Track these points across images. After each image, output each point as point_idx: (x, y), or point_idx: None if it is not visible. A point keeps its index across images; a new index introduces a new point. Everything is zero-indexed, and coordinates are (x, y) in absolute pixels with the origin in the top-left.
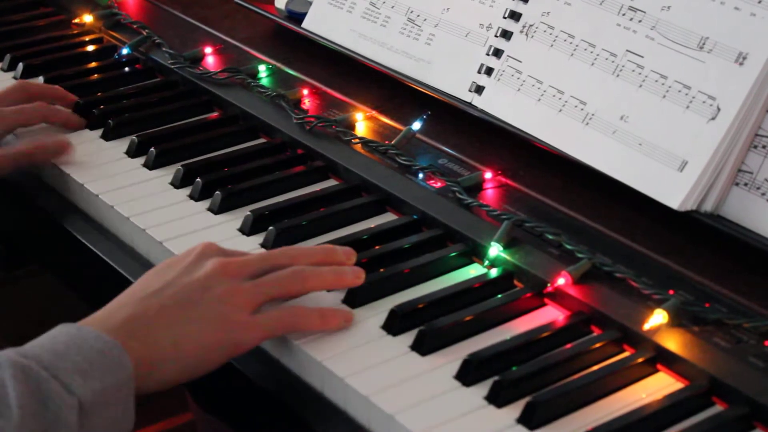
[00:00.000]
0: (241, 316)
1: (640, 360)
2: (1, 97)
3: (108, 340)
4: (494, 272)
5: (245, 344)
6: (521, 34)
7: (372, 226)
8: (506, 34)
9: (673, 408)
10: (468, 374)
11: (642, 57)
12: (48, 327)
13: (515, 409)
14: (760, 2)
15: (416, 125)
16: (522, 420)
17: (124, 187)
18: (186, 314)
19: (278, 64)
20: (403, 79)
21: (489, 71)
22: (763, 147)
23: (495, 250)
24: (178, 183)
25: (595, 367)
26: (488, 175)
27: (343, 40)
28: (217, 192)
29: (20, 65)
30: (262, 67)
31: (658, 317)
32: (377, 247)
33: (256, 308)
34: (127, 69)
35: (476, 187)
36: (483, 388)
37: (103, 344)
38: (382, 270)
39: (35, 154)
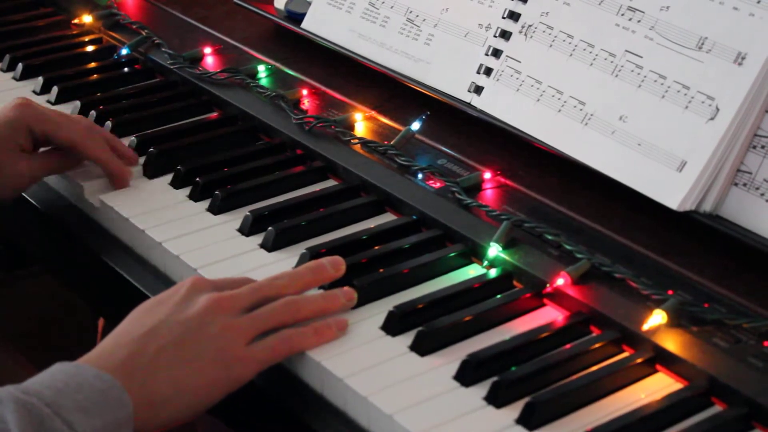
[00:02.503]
0: (238, 351)
1: (639, 360)
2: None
3: (107, 379)
4: (493, 272)
5: (244, 378)
6: (520, 35)
7: (371, 226)
8: (505, 35)
9: (672, 408)
10: (467, 374)
11: (641, 57)
12: (48, 327)
13: (514, 410)
14: (759, 2)
15: (415, 125)
16: (521, 420)
17: (124, 187)
18: (183, 354)
19: (278, 65)
20: (403, 79)
21: (488, 71)
22: (762, 147)
23: (494, 250)
24: (177, 183)
25: (595, 368)
26: (487, 175)
27: (342, 40)
28: (217, 192)
29: (20, 65)
30: (261, 68)
31: (657, 317)
32: (376, 248)
33: (251, 340)
34: (126, 69)
35: (475, 188)
36: (482, 389)
37: (102, 383)
38: (381, 270)
39: (60, 162)
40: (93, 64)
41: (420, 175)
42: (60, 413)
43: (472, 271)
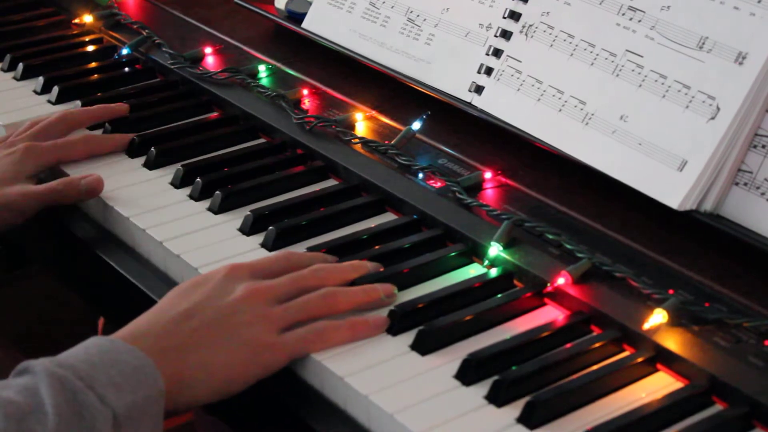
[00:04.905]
0: (269, 338)
1: (639, 359)
2: (42, 131)
3: (141, 356)
4: (494, 272)
5: (273, 366)
6: (521, 34)
7: (372, 225)
8: (506, 34)
9: (672, 407)
10: (468, 374)
11: (642, 57)
12: (48, 327)
13: (515, 409)
14: (759, 2)
15: (416, 125)
16: (522, 419)
17: (124, 186)
18: (216, 337)
19: (278, 64)
20: (403, 79)
21: (489, 71)
22: (763, 147)
23: (495, 249)
24: (178, 183)
25: (595, 367)
26: (488, 174)
27: (342, 40)
28: (217, 192)
29: (20, 65)
30: (262, 67)
31: (657, 317)
32: (377, 247)
33: (284, 329)
34: (127, 69)
35: (476, 187)
36: (483, 388)
37: (136, 360)
38: (381, 270)
39: (64, 192)
40: (94, 64)
41: (420, 175)
42: (93, 387)
43: (473, 270)
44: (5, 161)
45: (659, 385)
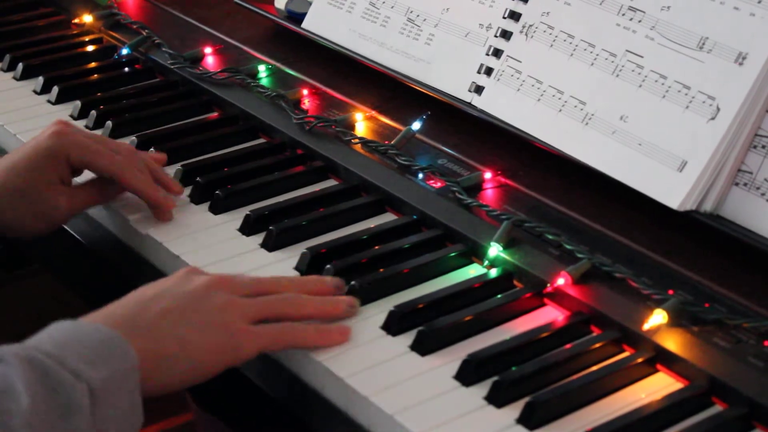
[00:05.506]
0: (242, 325)
1: (639, 360)
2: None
3: (108, 331)
4: (494, 272)
5: (245, 352)
6: (521, 34)
7: (372, 226)
8: (506, 34)
9: (672, 408)
10: (467, 374)
11: (642, 57)
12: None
13: (515, 409)
14: (759, 2)
15: (416, 125)
16: (521, 420)
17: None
18: (188, 317)
19: (278, 64)
20: (403, 79)
21: (489, 71)
22: (763, 147)
23: (494, 250)
24: None
25: (595, 367)
26: (488, 175)
27: (342, 40)
28: (217, 192)
29: (20, 65)
30: (261, 67)
31: (657, 317)
32: (377, 247)
33: (253, 322)
34: (126, 69)
35: (476, 188)
36: (482, 388)
37: (103, 335)
38: (381, 270)
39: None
40: (93, 64)
41: (420, 175)
42: (64, 363)
43: (473, 270)
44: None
45: (659, 385)
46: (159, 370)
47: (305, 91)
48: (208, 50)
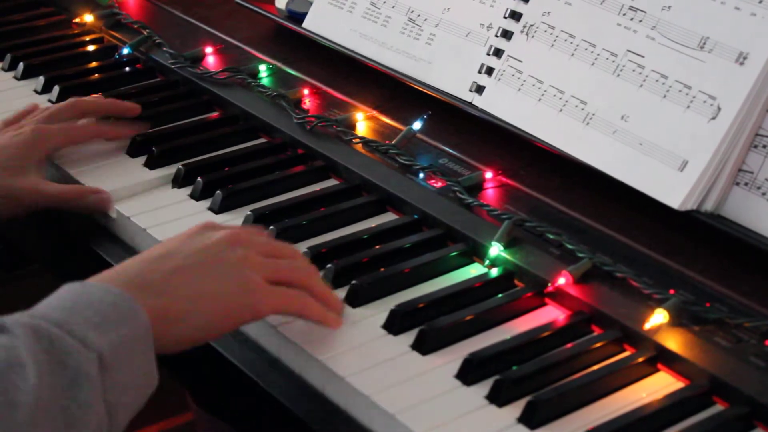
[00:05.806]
0: (259, 282)
1: (640, 359)
2: (53, 115)
3: (117, 292)
4: (495, 272)
5: (261, 309)
6: (522, 34)
7: (372, 225)
8: (507, 34)
9: (673, 407)
10: (469, 374)
11: (642, 57)
12: None
13: (516, 409)
14: (760, 2)
15: (417, 125)
16: (522, 419)
17: (125, 186)
18: (203, 272)
19: (279, 64)
20: (404, 78)
21: (489, 71)
22: (764, 147)
23: (495, 249)
24: (178, 182)
25: (596, 367)
26: (489, 174)
27: (343, 40)
28: (218, 191)
29: (20, 65)
30: (262, 67)
31: (658, 317)
32: (377, 247)
33: (269, 282)
34: (127, 69)
35: (477, 187)
36: (484, 388)
37: (112, 297)
38: (382, 270)
39: (72, 201)
40: (94, 64)
41: (421, 175)
42: (72, 331)
43: (474, 270)
44: (12, 142)
45: (660, 385)
46: (171, 328)
47: (306, 91)
48: (208, 50)
